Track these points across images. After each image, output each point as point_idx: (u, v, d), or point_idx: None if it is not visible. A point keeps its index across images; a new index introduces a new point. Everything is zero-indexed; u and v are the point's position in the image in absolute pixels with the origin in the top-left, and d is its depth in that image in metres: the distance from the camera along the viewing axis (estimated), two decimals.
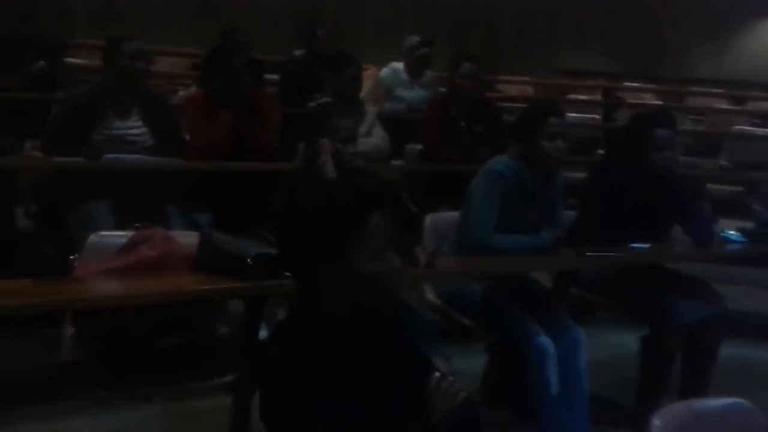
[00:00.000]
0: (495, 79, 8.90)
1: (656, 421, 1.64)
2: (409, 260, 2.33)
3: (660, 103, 7.48)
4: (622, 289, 3.02)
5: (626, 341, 3.29)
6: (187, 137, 3.43)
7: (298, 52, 5.28)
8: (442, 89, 4.70)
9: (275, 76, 5.17)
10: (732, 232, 3.21)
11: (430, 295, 2.88)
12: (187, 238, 2.25)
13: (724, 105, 7.91)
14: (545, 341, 2.53)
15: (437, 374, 1.56)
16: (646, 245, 2.90)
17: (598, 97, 7.82)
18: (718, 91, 8.64)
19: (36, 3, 4.17)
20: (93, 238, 2.25)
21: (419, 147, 4.29)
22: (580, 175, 3.85)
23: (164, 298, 1.84)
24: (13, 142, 3.46)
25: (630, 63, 10.06)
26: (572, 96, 7.87)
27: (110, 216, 2.91)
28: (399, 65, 5.25)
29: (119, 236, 2.25)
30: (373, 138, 4.03)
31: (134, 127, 3.18)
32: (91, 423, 2.56)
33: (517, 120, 2.97)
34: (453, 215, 2.90)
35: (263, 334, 2.20)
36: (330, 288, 1.45)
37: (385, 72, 5.26)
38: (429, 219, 2.96)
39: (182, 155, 3.26)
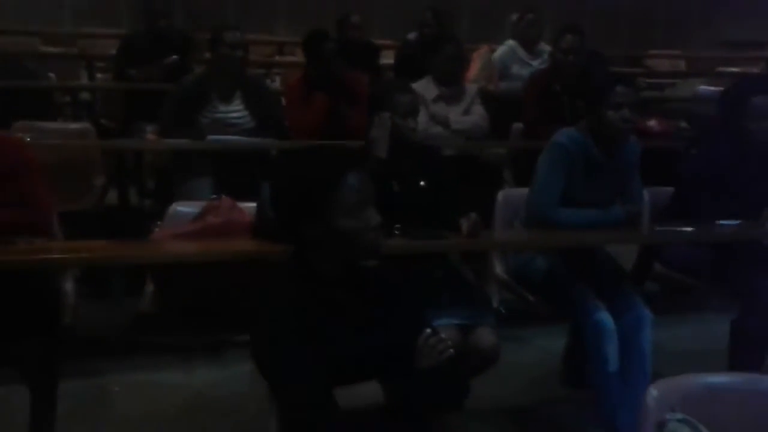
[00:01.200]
0: (644, 53, 8.47)
1: (653, 391, 1.61)
2: (455, 230, 2.41)
3: None
4: (713, 268, 2.86)
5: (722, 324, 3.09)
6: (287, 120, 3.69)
7: (411, 36, 5.40)
8: None
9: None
10: None
11: (498, 269, 2.91)
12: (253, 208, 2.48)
13: None
14: (604, 317, 2.47)
15: (428, 331, 1.65)
16: (735, 222, 2.72)
17: (755, 69, 7.17)
18: None
19: (169, 2, 4.61)
20: (173, 207, 2.55)
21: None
22: None
23: (207, 257, 2.08)
24: (143, 128, 3.90)
25: None
26: (723, 69, 7.29)
27: (210, 191, 3.22)
28: (514, 43, 5.20)
29: (195, 206, 2.53)
30: (471, 116, 4.06)
31: (236, 110, 3.49)
32: (172, 378, 2.88)
33: (582, 90, 2.88)
34: (525, 191, 2.89)
35: None
36: (315, 245, 1.58)
37: (500, 50, 5.22)
38: (501, 195, 2.97)
39: (281, 136, 3.51)
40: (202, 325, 2.56)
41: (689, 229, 2.61)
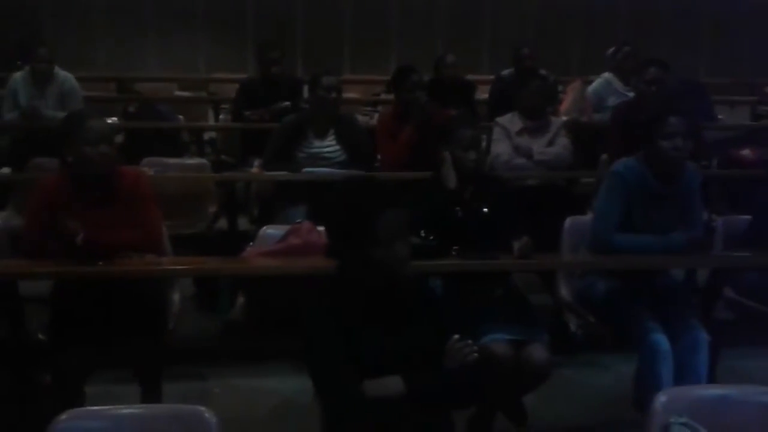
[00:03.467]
0: (760, 82, 8.15)
1: (662, 397, 1.74)
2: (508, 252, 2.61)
3: None
4: None
5: None
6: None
7: (505, 72, 5.61)
8: None
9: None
10: None
11: (564, 292, 3.05)
12: None
13: None
14: (659, 338, 2.56)
15: (456, 336, 1.87)
16: None
17: None
18: None
19: (281, 49, 5.09)
20: (263, 230, 2.92)
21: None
22: None
23: (280, 272, 2.41)
24: (253, 162, 4.36)
25: None
26: None
27: (305, 217, 3.58)
28: (611, 75, 5.28)
29: (281, 229, 2.89)
30: (554, 147, 4.20)
31: (330, 145, 3.87)
32: (267, 384, 3.20)
33: (638, 121, 2.93)
34: (590, 218, 3.03)
35: None
36: (353, 267, 1.85)
37: (596, 83, 5.32)
38: (568, 221, 3.11)
39: (368, 169, 3.83)
40: (293, 334, 2.89)
41: (747, 254, 2.64)
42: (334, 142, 3.87)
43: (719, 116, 5.69)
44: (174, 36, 8.21)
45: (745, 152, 4.28)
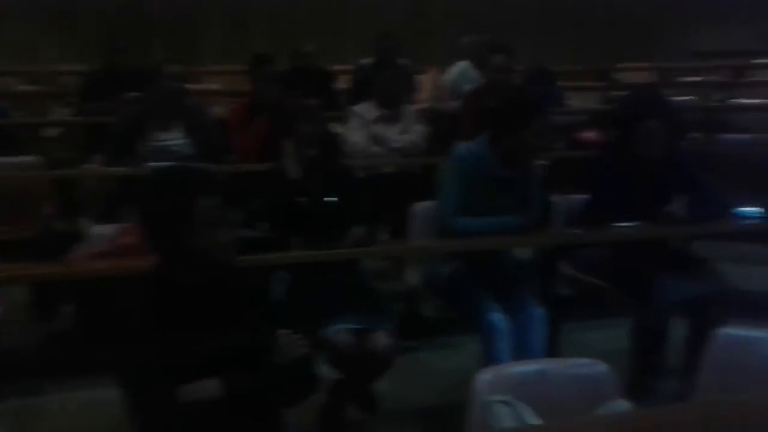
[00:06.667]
0: (612, 66, 8.62)
1: (486, 375, 1.75)
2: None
3: None
4: (614, 269, 2.99)
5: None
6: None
7: (365, 61, 5.59)
8: None
9: None
10: (750, 209, 3.03)
11: (410, 276, 3.06)
12: None
13: None
14: (496, 317, 2.61)
15: (284, 332, 1.81)
16: (632, 224, 2.86)
17: (718, 78, 7.33)
18: None
19: (124, 38, 4.82)
20: (94, 229, 2.73)
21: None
22: None
23: (99, 274, 2.24)
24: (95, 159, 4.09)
25: None
26: (685, 78, 7.44)
27: None
28: (466, 63, 5.38)
29: (113, 228, 2.70)
30: (409, 134, 4.23)
31: (176, 138, 3.69)
32: (107, 395, 3.01)
33: (504, 110, 2.92)
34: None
35: None
36: (173, 260, 1.74)
37: (452, 71, 5.40)
38: (416, 207, 3.12)
39: (219, 162, 3.68)
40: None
41: (579, 231, 2.74)
42: (181, 135, 3.69)
43: (570, 101, 5.95)
44: (13, 25, 7.62)
45: (590, 135, 4.47)
